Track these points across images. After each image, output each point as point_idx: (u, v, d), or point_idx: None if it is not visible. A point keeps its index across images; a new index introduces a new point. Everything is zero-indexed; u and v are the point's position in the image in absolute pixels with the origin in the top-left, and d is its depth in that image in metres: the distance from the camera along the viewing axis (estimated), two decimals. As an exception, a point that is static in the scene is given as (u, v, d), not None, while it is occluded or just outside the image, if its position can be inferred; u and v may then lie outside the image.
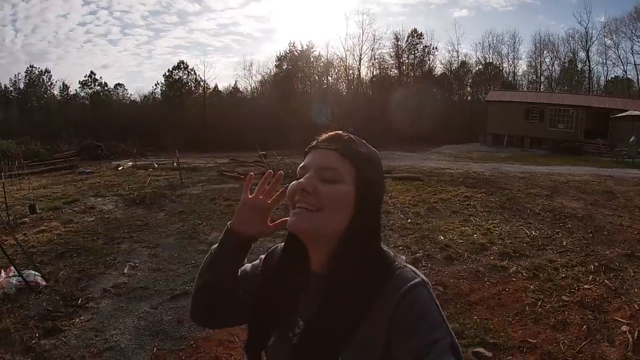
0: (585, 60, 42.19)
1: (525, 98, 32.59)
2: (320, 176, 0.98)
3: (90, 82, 46.17)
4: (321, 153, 1.01)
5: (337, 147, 1.00)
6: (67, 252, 6.48)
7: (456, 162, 20.31)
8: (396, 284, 0.91)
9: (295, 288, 1.04)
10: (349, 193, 0.97)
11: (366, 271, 0.94)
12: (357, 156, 1.00)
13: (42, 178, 16.16)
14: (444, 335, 0.84)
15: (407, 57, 46.26)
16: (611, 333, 3.98)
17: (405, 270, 0.95)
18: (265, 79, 47.65)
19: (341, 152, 0.99)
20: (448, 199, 9.86)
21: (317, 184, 0.97)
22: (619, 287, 4.95)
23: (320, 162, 1.00)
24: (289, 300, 1.04)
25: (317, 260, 1.02)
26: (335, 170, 0.97)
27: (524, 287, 4.99)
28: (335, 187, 0.96)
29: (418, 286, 0.90)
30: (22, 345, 3.84)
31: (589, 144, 26.48)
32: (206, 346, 3.91)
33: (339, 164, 0.98)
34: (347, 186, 0.97)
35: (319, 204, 0.96)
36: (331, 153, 0.99)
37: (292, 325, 1.02)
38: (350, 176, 0.98)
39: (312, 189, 0.96)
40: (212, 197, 10.73)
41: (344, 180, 0.97)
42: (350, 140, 1.02)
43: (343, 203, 0.97)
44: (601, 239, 6.77)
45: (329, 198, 0.96)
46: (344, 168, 0.98)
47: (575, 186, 11.61)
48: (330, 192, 0.96)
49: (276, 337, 1.04)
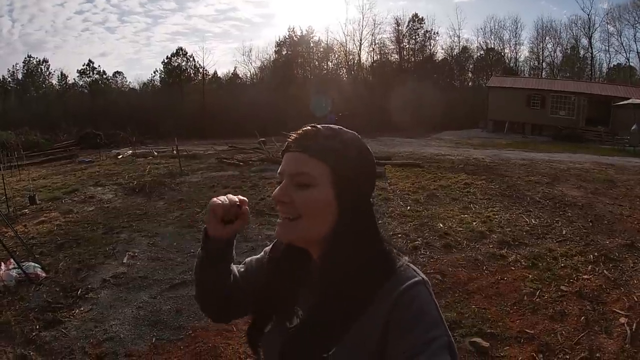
0: (587, 47, 41.83)
1: (527, 84, 32.30)
2: (294, 182, 0.95)
3: (88, 70, 45.82)
4: (291, 157, 0.98)
5: (305, 148, 0.96)
6: (67, 243, 6.50)
7: (457, 148, 20.25)
8: (396, 282, 0.90)
9: (297, 279, 1.04)
10: (326, 194, 0.94)
11: (362, 268, 0.92)
12: (330, 154, 0.95)
13: (41, 168, 16.14)
14: (441, 335, 0.83)
15: (407, 42, 45.89)
16: (609, 325, 3.97)
17: (407, 269, 0.94)
18: (265, 65, 47.32)
19: (311, 153, 0.95)
20: (448, 185, 9.84)
21: (291, 192, 0.95)
22: (618, 278, 4.93)
23: (291, 168, 0.97)
24: (290, 290, 1.04)
25: (315, 254, 1.01)
26: (306, 175, 0.94)
27: (522, 276, 4.99)
28: (309, 192, 0.94)
29: (418, 285, 0.90)
30: (23, 338, 3.87)
31: (591, 132, 26.26)
32: (204, 336, 3.93)
33: (310, 166, 0.95)
34: (322, 188, 0.94)
35: (296, 212, 0.95)
36: (300, 156, 0.96)
37: (290, 315, 1.02)
38: (324, 177, 0.94)
39: (288, 199, 0.95)
40: (212, 185, 10.75)
41: (317, 183, 0.94)
42: (320, 136, 0.97)
43: (321, 206, 0.94)
44: (601, 229, 6.74)
45: (304, 205, 0.94)
46: (316, 170, 0.94)
47: (576, 174, 11.59)
48: (304, 199, 0.94)
49: (274, 325, 1.05)
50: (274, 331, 1.04)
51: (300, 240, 0.98)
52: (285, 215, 0.96)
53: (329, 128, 1.00)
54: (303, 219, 0.95)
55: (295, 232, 0.96)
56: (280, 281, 1.06)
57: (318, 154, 0.95)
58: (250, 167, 13.71)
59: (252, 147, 18.73)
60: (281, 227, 0.98)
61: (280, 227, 0.98)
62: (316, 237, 0.96)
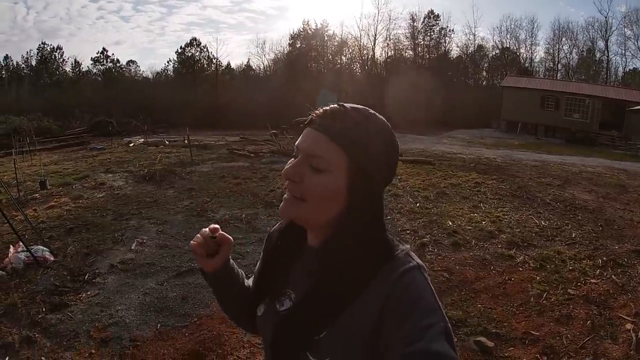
0: (603, 50, 41.35)
1: (542, 85, 32.05)
2: (308, 162, 0.91)
3: (102, 58, 46.14)
4: (311, 135, 0.92)
5: (327, 130, 0.90)
6: (76, 228, 6.55)
7: (468, 147, 20.17)
8: (392, 267, 0.89)
9: (292, 262, 1.03)
10: (338, 183, 0.90)
11: (361, 256, 0.91)
12: (352, 143, 0.90)
13: (53, 154, 16.29)
14: (438, 321, 0.82)
15: (422, 39, 45.67)
16: (615, 330, 3.94)
17: (403, 255, 0.92)
18: (278, 58, 47.27)
19: (332, 136, 0.90)
20: (458, 184, 9.81)
21: (304, 172, 0.91)
22: (626, 284, 4.89)
23: (308, 148, 0.92)
24: (283, 272, 1.03)
25: (314, 239, 1.00)
26: (322, 159, 0.90)
27: (530, 277, 4.97)
28: (321, 177, 0.90)
29: (413, 270, 0.88)
30: (29, 320, 3.90)
31: (604, 136, 26.08)
32: (209, 324, 3.95)
33: (328, 151, 0.90)
34: (335, 176, 0.90)
35: (303, 194, 0.91)
36: (321, 137, 0.90)
37: (282, 297, 1.01)
38: (341, 165, 0.90)
39: (298, 178, 0.91)
40: (222, 175, 10.79)
41: (331, 170, 0.90)
42: (347, 119, 0.91)
43: (330, 194, 0.90)
44: (611, 233, 6.69)
45: (313, 189, 0.90)
46: (334, 155, 0.89)
47: (588, 177, 11.53)
48: (315, 184, 0.90)
49: (265, 308, 1.05)
50: (266, 313, 1.04)
51: (301, 221, 0.96)
52: (292, 193, 0.93)
53: (358, 111, 0.94)
54: (308, 202, 0.91)
55: (298, 212, 0.93)
56: (273, 263, 1.07)
57: (340, 139, 0.90)
58: (260, 158, 13.76)
59: (263, 139, 18.77)
60: (286, 203, 0.95)
61: (285, 204, 0.95)
62: (318, 223, 0.94)
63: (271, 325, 0.98)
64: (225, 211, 7.57)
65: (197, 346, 3.57)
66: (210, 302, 4.35)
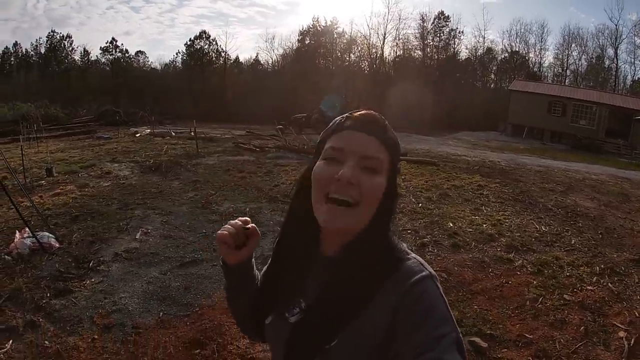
0: (613, 58, 41.11)
1: (549, 90, 31.95)
2: (361, 165, 0.91)
3: (111, 48, 46.13)
4: (361, 138, 0.93)
5: (376, 133, 0.94)
6: (82, 216, 6.64)
7: (473, 149, 20.16)
8: (404, 275, 0.89)
9: (303, 270, 1.01)
10: (383, 183, 0.93)
11: (378, 259, 0.92)
12: (394, 146, 0.96)
13: (60, 142, 16.38)
14: (450, 331, 0.82)
15: (432, 40, 45.51)
16: (608, 337, 3.99)
17: (414, 261, 0.92)
18: (287, 53, 47.29)
19: (382, 139, 0.94)
20: (461, 186, 9.85)
21: (359, 175, 0.90)
22: (621, 292, 4.92)
23: (362, 150, 0.92)
24: (294, 280, 1.02)
25: (330, 245, 0.98)
26: (378, 161, 0.92)
27: (527, 281, 5.01)
28: (376, 178, 0.91)
29: (426, 279, 0.88)
30: (33, 304, 3.98)
31: (610, 143, 26.03)
32: (211, 314, 4.04)
33: (381, 153, 0.93)
34: (384, 176, 0.93)
35: (359, 197, 0.90)
36: (373, 140, 0.93)
37: (292, 305, 1.00)
38: (386, 166, 0.94)
39: (356, 181, 0.89)
40: (227, 169, 10.87)
41: (381, 170, 0.93)
42: (385, 124, 0.97)
43: (379, 195, 0.92)
44: (610, 242, 6.72)
45: (370, 191, 0.90)
46: (384, 157, 0.94)
47: (591, 185, 11.53)
48: (372, 185, 0.90)
49: (275, 315, 1.03)
50: (275, 322, 1.02)
51: (349, 228, 0.93)
52: (346, 197, 0.90)
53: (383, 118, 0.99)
54: (362, 205, 0.91)
55: (350, 219, 0.91)
56: (284, 271, 1.05)
57: (386, 141, 0.94)
58: (266, 153, 13.82)
59: (269, 134, 18.84)
60: (333, 213, 0.90)
61: (333, 213, 0.91)
62: (361, 226, 0.93)
63: (281, 335, 0.98)
64: (230, 204, 7.64)
65: (198, 335, 3.67)
66: (212, 292, 4.44)
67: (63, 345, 3.42)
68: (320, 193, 0.93)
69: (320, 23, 46.36)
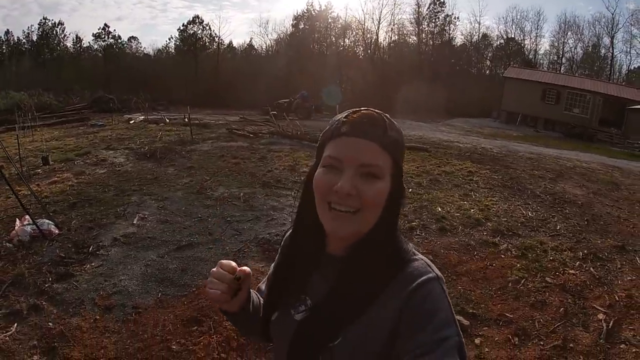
0: (609, 47, 41.26)
1: (544, 78, 31.97)
2: (361, 172, 0.91)
3: (103, 34, 45.56)
4: (359, 145, 0.91)
5: (376, 138, 0.91)
6: (79, 203, 6.76)
7: (466, 136, 20.29)
8: (410, 275, 0.90)
9: (309, 268, 1.03)
10: (387, 187, 0.93)
11: (384, 258, 0.93)
12: (396, 146, 0.94)
13: (54, 130, 16.32)
14: (453, 335, 0.83)
15: (427, 25, 45.31)
16: (587, 319, 4.15)
17: (421, 262, 0.94)
18: (281, 38, 47.00)
19: (382, 144, 0.92)
20: (452, 172, 10.01)
21: (358, 184, 0.90)
22: (603, 277, 5.08)
23: (361, 158, 0.91)
24: (300, 279, 1.03)
25: (336, 244, 0.99)
26: (378, 167, 0.91)
27: (510, 264, 5.20)
28: (377, 185, 0.91)
29: (432, 281, 0.89)
30: (36, 289, 4.13)
31: (603, 132, 26.24)
32: (207, 293, 4.19)
33: (382, 159, 0.92)
34: (386, 181, 0.93)
35: (360, 204, 0.90)
36: (372, 146, 0.91)
37: (298, 303, 1.01)
38: (388, 169, 0.93)
39: (355, 191, 0.90)
40: (221, 155, 10.98)
41: (384, 175, 0.92)
42: (386, 124, 0.94)
43: (382, 199, 0.92)
44: (595, 228, 6.88)
45: (372, 198, 0.91)
46: (386, 162, 0.92)
47: (581, 173, 11.67)
48: (372, 192, 0.90)
49: (280, 312, 1.05)
50: (280, 319, 1.04)
51: (356, 233, 0.94)
52: (346, 208, 0.90)
53: (387, 116, 0.97)
54: (364, 211, 0.91)
55: (355, 225, 0.92)
56: (291, 270, 1.06)
57: (388, 146, 0.92)
58: (260, 139, 13.92)
59: (263, 119, 18.92)
60: (338, 221, 0.91)
61: (338, 222, 0.92)
62: (368, 229, 0.94)
63: (286, 332, 0.99)
64: (224, 189, 7.78)
65: (195, 313, 3.85)
66: (208, 273, 4.58)
67: (66, 326, 3.58)
68: (323, 202, 0.93)
69: (315, 8, 46.18)
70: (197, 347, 3.42)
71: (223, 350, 3.40)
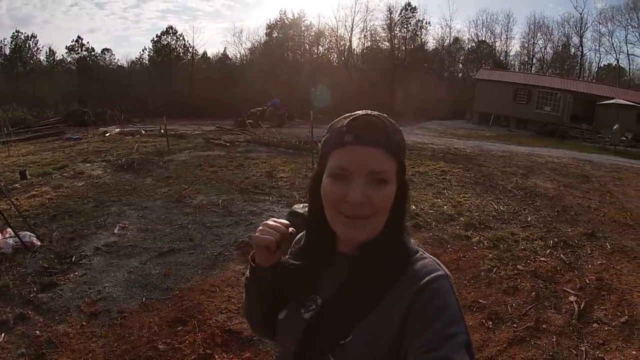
0: (578, 46, 42.21)
1: (514, 79, 32.57)
2: (369, 179, 0.91)
3: (77, 47, 44.85)
4: (365, 153, 0.91)
5: (380, 143, 0.91)
6: (59, 215, 6.78)
7: (440, 137, 20.57)
8: (418, 273, 0.91)
9: (319, 267, 1.03)
10: (394, 189, 0.94)
11: (391, 258, 0.94)
12: (399, 148, 0.94)
13: (30, 145, 16.10)
14: (460, 332, 0.83)
15: (399, 31, 45.83)
16: (559, 302, 4.36)
17: (429, 260, 0.95)
18: (255, 47, 46.98)
19: (387, 148, 0.91)
20: (425, 172, 10.24)
21: (368, 191, 0.90)
22: (573, 262, 5.30)
23: (368, 166, 0.90)
24: (310, 277, 1.03)
25: (347, 244, 1.00)
26: (386, 173, 0.91)
27: (483, 255, 5.41)
28: (386, 189, 0.92)
29: (441, 278, 0.90)
30: (22, 299, 4.19)
31: (574, 129, 26.69)
32: (190, 295, 4.34)
33: (388, 164, 0.92)
34: (393, 184, 0.93)
35: (371, 211, 0.92)
36: (378, 153, 0.91)
37: (308, 302, 1.02)
38: (394, 172, 0.93)
39: (367, 199, 0.90)
40: (199, 164, 11.03)
41: (391, 179, 0.92)
42: (387, 128, 0.94)
43: (391, 201, 0.93)
44: (566, 218, 7.12)
45: (382, 204, 0.92)
46: (391, 166, 0.92)
47: (552, 168, 11.96)
48: (383, 197, 0.91)
49: (289, 312, 1.05)
50: (289, 318, 1.04)
51: (371, 236, 0.95)
52: (358, 215, 0.91)
53: (385, 117, 0.97)
54: (376, 216, 0.92)
55: (368, 230, 0.93)
56: (302, 269, 1.06)
57: (391, 149, 0.92)
58: (236, 147, 13.99)
59: (240, 128, 19.01)
60: (352, 227, 0.92)
61: (352, 228, 0.93)
62: (379, 230, 0.95)
63: (294, 331, 0.99)
64: (203, 197, 7.86)
65: (179, 314, 3.97)
66: (190, 277, 4.74)
67: (54, 333, 3.65)
68: (334, 210, 0.93)
69: (288, 16, 46.25)
70: (182, 345, 3.53)
71: (208, 346, 3.52)
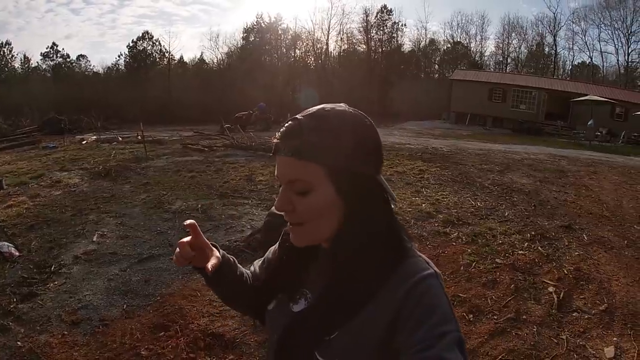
0: (552, 45, 43.35)
1: (489, 78, 33.24)
2: (292, 189, 0.92)
3: (52, 53, 44.28)
4: (282, 162, 0.92)
5: (293, 151, 0.89)
6: (37, 224, 6.67)
7: (417, 138, 20.73)
8: (409, 271, 0.89)
9: (307, 262, 1.03)
10: (326, 195, 0.90)
11: (373, 247, 0.92)
12: (320, 152, 0.89)
13: (5, 154, 15.81)
14: (452, 330, 0.82)
15: (376, 33, 46.23)
16: (538, 293, 4.47)
17: (420, 260, 0.93)
18: (232, 51, 46.88)
19: (300, 156, 0.89)
20: (403, 172, 10.29)
21: (293, 200, 0.92)
22: (551, 254, 5.42)
23: (285, 176, 0.92)
24: (298, 272, 1.04)
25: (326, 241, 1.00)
26: (302, 182, 0.90)
27: (461, 250, 5.50)
28: (309, 198, 0.90)
29: (431, 277, 0.89)
30: (2, 310, 4.12)
31: (549, 125, 27.32)
32: (171, 300, 4.33)
33: (303, 172, 0.90)
34: (321, 190, 0.90)
35: (300, 219, 0.93)
36: (290, 161, 0.90)
37: (296, 296, 1.02)
38: (320, 178, 0.90)
39: (290, 207, 0.92)
40: (177, 169, 10.95)
41: (314, 187, 0.90)
42: (305, 131, 0.90)
43: (325, 210, 0.91)
44: (543, 212, 7.26)
45: (306, 212, 0.92)
46: (310, 173, 0.89)
47: (529, 164, 12.14)
48: (306, 207, 0.91)
49: (277, 304, 1.06)
50: (277, 310, 1.05)
51: (314, 242, 0.97)
52: (292, 223, 0.95)
53: (312, 116, 0.92)
54: (310, 223, 0.93)
55: (306, 237, 0.95)
56: (290, 263, 1.06)
57: (306, 154, 0.89)
58: (215, 152, 13.93)
59: (217, 133, 18.99)
60: (292, 234, 0.96)
61: (292, 234, 0.97)
62: (329, 234, 0.95)
63: (282, 323, 0.99)
64: (182, 202, 7.82)
65: (161, 319, 3.95)
66: (171, 282, 4.73)
67: (35, 344, 3.60)
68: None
69: (264, 20, 46.24)
70: (165, 350, 3.52)
71: (191, 350, 3.53)
